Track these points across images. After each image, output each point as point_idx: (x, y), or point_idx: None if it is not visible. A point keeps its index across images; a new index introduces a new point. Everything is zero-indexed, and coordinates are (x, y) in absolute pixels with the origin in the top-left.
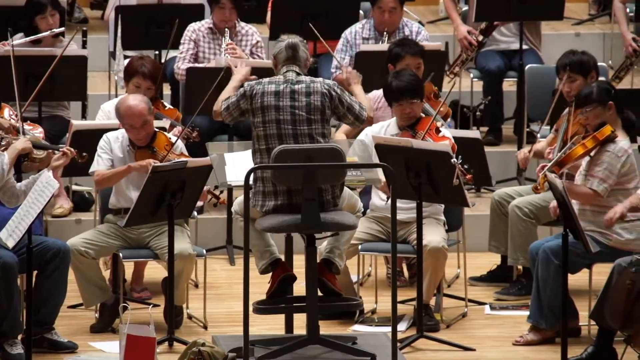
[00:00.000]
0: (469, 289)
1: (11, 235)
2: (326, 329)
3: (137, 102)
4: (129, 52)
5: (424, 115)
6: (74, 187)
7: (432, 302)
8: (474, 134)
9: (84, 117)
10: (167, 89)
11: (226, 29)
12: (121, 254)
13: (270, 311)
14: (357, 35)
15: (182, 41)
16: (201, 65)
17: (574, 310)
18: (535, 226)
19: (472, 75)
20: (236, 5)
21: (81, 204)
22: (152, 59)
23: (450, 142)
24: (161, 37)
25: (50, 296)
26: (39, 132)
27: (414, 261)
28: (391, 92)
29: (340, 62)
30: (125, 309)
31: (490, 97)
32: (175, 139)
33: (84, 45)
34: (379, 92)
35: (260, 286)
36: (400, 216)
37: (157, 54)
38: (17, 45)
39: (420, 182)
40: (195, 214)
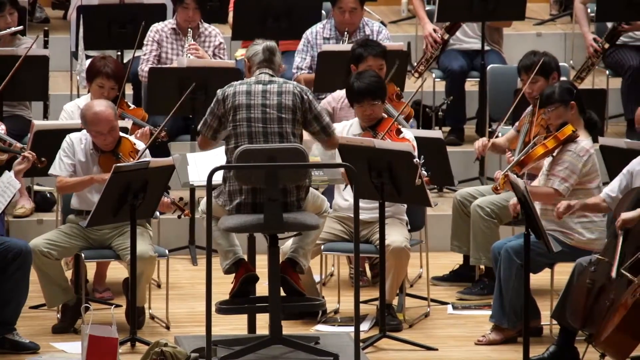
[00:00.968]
0: (432, 289)
1: None
2: (289, 329)
3: (103, 108)
4: (91, 52)
5: (386, 116)
6: (36, 188)
7: (395, 302)
8: (436, 133)
9: (45, 117)
10: (129, 89)
11: (189, 30)
12: (83, 255)
13: (232, 311)
14: (318, 35)
15: (145, 42)
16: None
17: (535, 309)
18: (497, 226)
19: (434, 75)
20: (200, 5)
21: (43, 204)
22: (114, 59)
23: (410, 144)
24: (123, 37)
25: (12, 297)
26: (2, 129)
27: (376, 261)
28: (353, 93)
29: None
30: (87, 309)
31: (452, 97)
32: (140, 144)
33: (46, 45)
34: (342, 92)
35: (222, 286)
36: (362, 216)
37: (119, 54)
38: None
39: (382, 182)
40: (157, 214)
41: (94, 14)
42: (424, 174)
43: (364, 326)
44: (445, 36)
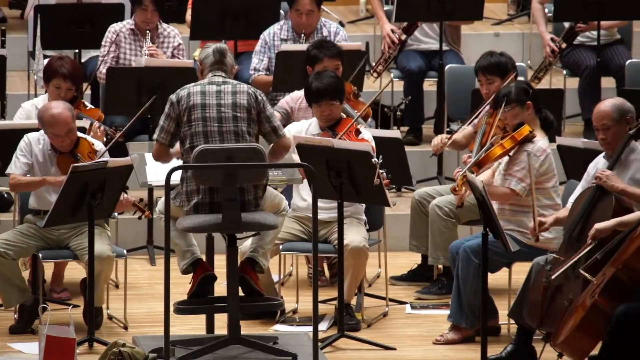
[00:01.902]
0: (390, 289)
1: None
2: (247, 329)
3: (60, 110)
4: (49, 52)
5: (344, 116)
6: None
7: (353, 301)
8: (394, 133)
9: (2, 116)
10: (87, 89)
11: (147, 31)
12: (41, 255)
13: (191, 311)
14: (276, 36)
15: (103, 43)
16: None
17: (493, 309)
18: (455, 225)
19: (392, 75)
20: (158, 7)
21: (0, 204)
22: (71, 59)
23: (370, 144)
24: (81, 37)
25: None
26: None
27: (335, 261)
28: (311, 93)
29: (258, 65)
30: (44, 309)
31: (410, 97)
32: (99, 144)
33: (3, 44)
34: (300, 93)
35: (181, 286)
36: (321, 216)
37: (77, 53)
38: None
39: (341, 182)
40: (115, 214)
41: (52, 14)
42: (384, 176)
43: (323, 326)
44: (402, 36)
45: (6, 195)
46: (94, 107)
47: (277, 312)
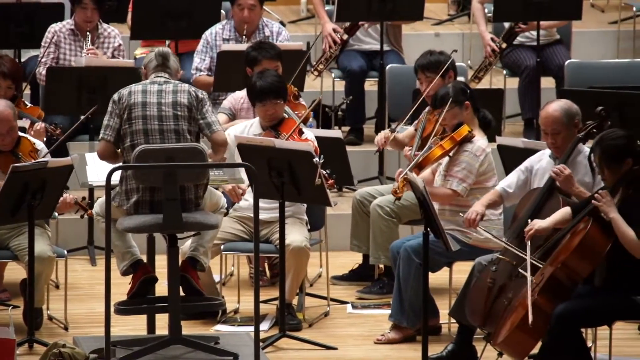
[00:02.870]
0: (331, 288)
1: None
2: (188, 329)
3: (1, 108)
4: None
5: (286, 116)
6: None
7: (295, 301)
8: (335, 133)
9: None
10: (26, 88)
11: (88, 32)
12: None
13: (131, 312)
14: (218, 36)
15: (42, 44)
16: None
17: (434, 308)
18: (396, 225)
19: (333, 75)
20: (98, 5)
21: None
22: (11, 58)
23: (313, 145)
24: (20, 37)
25: None
26: None
27: (276, 261)
28: (255, 93)
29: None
30: None
31: (351, 97)
32: (40, 144)
33: None
34: (242, 93)
35: (122, 287)
36: (262, 216)
37: (17, 52)
38: None
39: (282, 182)
40: (55, 214)
41: None
42: (326, 175)
43: (264, 326)
44: (344, 36)
45: None
46: (33, 105)
47: (218, 312)
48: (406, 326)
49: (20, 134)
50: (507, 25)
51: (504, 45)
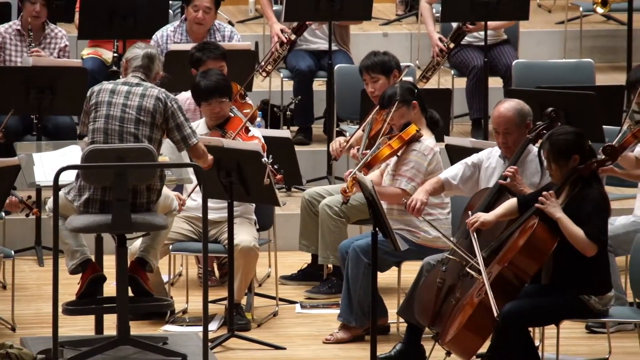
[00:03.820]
0: (280, 288)
1: None
2: (137, 329)
3: None
4: None
5: (232, 114)
6: None
7: (243, 301)
8: (284, 133)
9: None
10: None
11: (30, 33)
12: None
13: (79, 312)
14: (169, 39)
15: None
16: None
17: (383, 308)
18: (345, 225)
19: (282, 74)
20: (47, 2)
21: None
22: None
23: (260, 142)
24: None
25: None
26: None
27: (225, 261)
28: (200, 92)
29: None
30: None
31: (300, 97)
32: None
33: None
34: (187, 94)
35: (70, 287)
36: (211, 216)
37: None
38: None
39: (231, 182)
40: (2, 214)
41: None
42: (274, 170)
43: (213, 326)
44: (292, 37)
45: None
46: None
47: (166, 313)
48: (355, 326)
49: None
50: (455, 25)
51: (452, 45)
